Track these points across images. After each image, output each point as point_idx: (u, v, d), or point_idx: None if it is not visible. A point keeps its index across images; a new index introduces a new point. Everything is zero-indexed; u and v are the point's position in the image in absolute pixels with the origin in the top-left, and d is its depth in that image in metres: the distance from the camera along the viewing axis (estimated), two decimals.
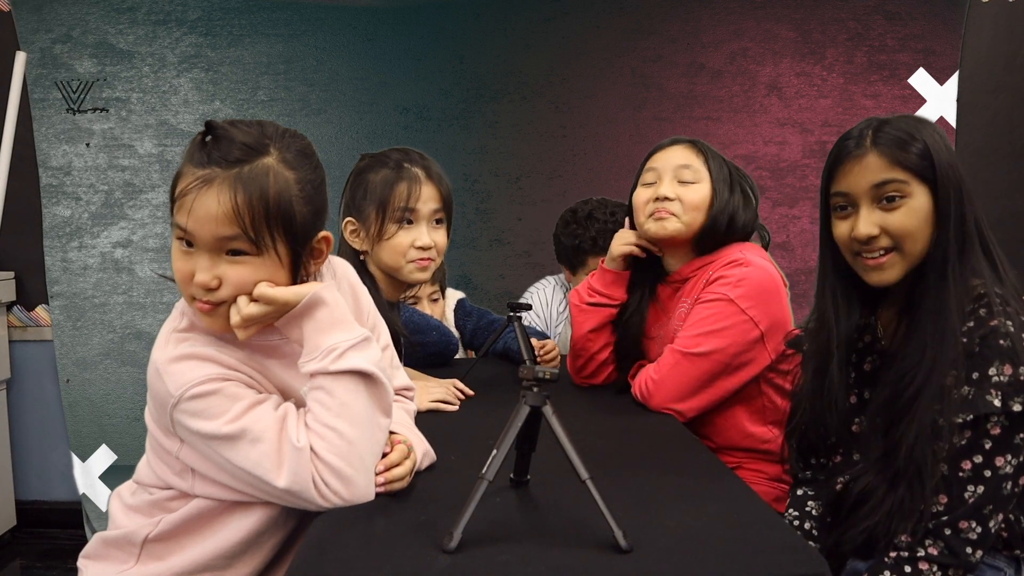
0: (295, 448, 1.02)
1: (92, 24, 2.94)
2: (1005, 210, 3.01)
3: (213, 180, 1.00)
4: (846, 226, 1.23)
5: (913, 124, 1.21)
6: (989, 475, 1.11)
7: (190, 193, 1.00)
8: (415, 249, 1.57)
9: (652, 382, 1.59)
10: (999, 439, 1.11)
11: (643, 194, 1.67)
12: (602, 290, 1.74)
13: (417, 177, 1.57)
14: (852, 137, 1.23)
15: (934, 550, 1.13)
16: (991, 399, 1.10)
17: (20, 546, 2.94)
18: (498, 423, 0.98)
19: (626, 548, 0.90)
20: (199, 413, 1.02)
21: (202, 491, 1.10)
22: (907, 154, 1.18)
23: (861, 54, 2.99)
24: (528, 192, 2.96)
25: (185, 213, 1.00)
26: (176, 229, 1.03)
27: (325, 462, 1.02)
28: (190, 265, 1.03)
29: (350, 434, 1.04)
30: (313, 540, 0.97)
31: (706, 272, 1.63)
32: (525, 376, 0.96)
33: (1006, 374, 1.10)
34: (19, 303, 3.00)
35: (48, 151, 2.95)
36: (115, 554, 1.16)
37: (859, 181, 1.20)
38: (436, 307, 2.29)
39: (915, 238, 1.18)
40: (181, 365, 1.04)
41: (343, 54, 2.98)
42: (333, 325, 1.06)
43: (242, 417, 1.03)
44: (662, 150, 1.69)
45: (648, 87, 3.01)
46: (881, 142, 1.19)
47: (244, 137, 1.02)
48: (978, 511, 1.12)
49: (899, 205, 1.18)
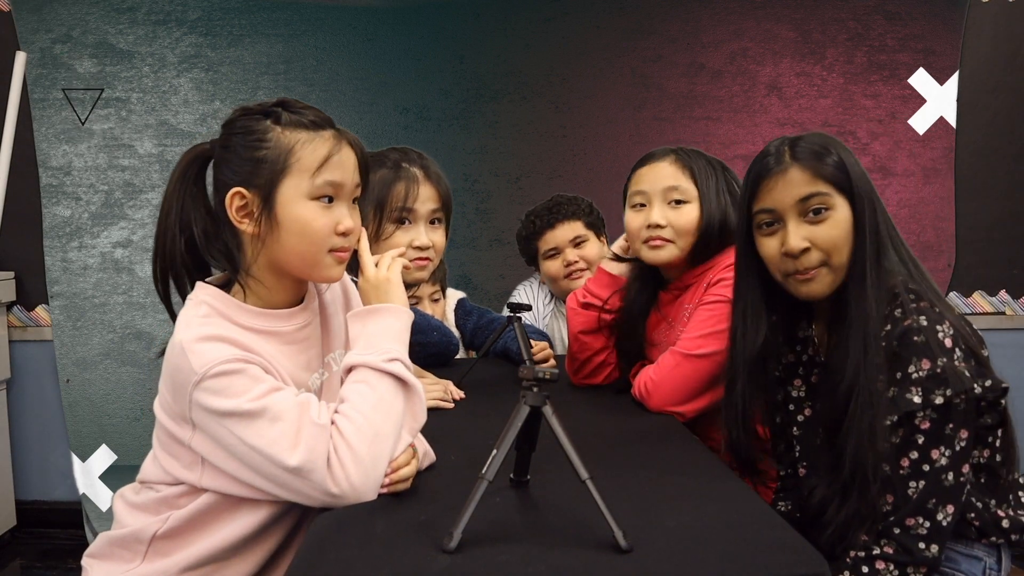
0: (315, 424, 1.03)
1: (92, 24, 2.94)
2: (1005, 210, 3.01)
3: (343, 138, 1.14)
4: (774, 242, 1.26)
5: (825, 139, 1.25)
6: (927, 469, 1.14)
7: (335, 153, 1.12)
8: (413, 249, 1.56)
9: (652, 383, 1.59)
10: (930, 433, 1.13)
11: (635, 219, 1.67)
12: (594, 290, 1.75)
13: (415, 177, 1.57)
14: (770, 154, 1.26)
15: (889, 549, 1.15)
16: (911, 396, 1.13)
17: (20, 546, 2.93)
18: (498, 423, 0.99)
19: (626, 548, 0.90)
20: (221, 391, 1.03)
21: (210, 483, 1.11)
22: (825, 166, 1.22)
23: (861, 54, 2.99)
24: (528, 192, 2.95)
25: (337, 168, 1.11)
26: (324, 187, 1.11)
27: (348, 442, 1.03)
28: (334, 217, 1.12)
29: (379, 426, 1.05)
30: (313, 540, 0.97)
31: (707, 277, 1.63)
32: (525, 376, 0.96)
33: (924, 369, 1.13)
34: (19, 303, 3.00)
35: (48, 151, 2.95)
36: (121, 553, 1.16)
37: (784, 196, 1.23)
38: (437, 307, 2.29)
39: (841, 250, 1.22)
40: (207, 345, 1.04)
41: (343, 54, 2.98)
42: (398, 337, 1.13)
43: (264, 397, 1.03)
44: (647, 166, 1.68)
45: (648, 87, 3.01)
46: (800, 156, 1.23)
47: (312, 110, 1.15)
48: (922, 506, 1.14)
49: (825, 218, 1.22)
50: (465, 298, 2.36)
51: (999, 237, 3.00)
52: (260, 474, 1.04)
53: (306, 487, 1.02)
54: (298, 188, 1.10)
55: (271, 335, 1.14)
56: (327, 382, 1.23)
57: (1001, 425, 1.21)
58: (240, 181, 1.10)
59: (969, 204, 3.00)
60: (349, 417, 1.05)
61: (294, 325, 1.17)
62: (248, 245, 1.13)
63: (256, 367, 1.06)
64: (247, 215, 1.10)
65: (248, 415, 1.02)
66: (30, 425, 3.00)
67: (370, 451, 1.04)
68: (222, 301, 1.13)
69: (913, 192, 2.99)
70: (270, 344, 1.13)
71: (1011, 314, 3.03)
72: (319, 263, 1.13)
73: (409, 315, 1.16)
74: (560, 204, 2.27)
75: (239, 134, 1.11)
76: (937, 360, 1.12)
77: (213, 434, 1.05)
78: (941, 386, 1.11)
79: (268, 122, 1.11)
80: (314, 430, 1.02)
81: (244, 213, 1.11)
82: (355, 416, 1.05)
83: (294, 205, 1.10)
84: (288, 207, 1.09)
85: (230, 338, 1.07)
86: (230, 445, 1.04)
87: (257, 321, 1.13)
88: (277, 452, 1.01)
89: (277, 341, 1.15)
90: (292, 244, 1.10)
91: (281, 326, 1.15)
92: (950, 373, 1.11)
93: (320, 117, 1.14)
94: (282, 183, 1.09)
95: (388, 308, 1.14)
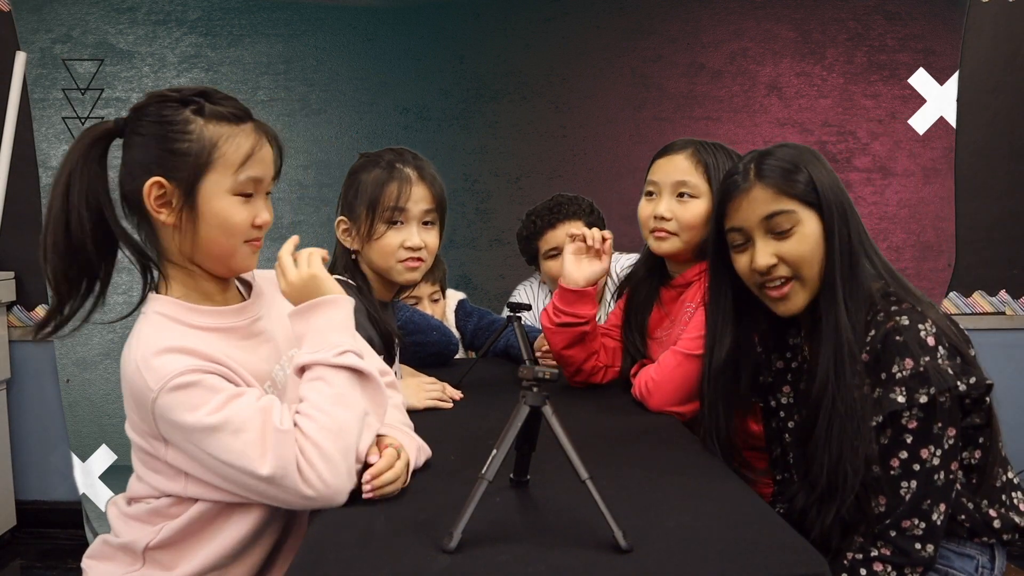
0: (279, 431, 1.02)
1: (92, 24, 2.94)
2: (1005, 210, 3.01)
3: (263, 132, 1.14)
4: (745, 259, 1.27)
5: (793, 153, 1.25)
6: (918, 469, 1.14)
7: (257, 149, 1.12)
8: (404, 249, 1.56)
9: (652, 383, 1.59)
10: (917, 432, 1.14)
11: (646, 208, 1.69)
12: (566, 309, 1.70)
13: (408, 177, 1.56)
14: (738, 172, 1.27)
15: (886, 551, 1.15)
16: (895, 396, 1.13)
17: (20, 546, 2.93)
18: (498, 423, 0.99)
19: (626, 548, 0.90)
20: (180, 405, 1.02)
21: (195, 492, 1.10)
22: (790, 183, 1.22)
23: (861, 54, 2.99)
24: (528, 192, 2.95)
25: (258, 164, 1.12)
26: (246, 184, 1.11)
27: (312, 440, 1.02)
28: (252, 211, 1.13)
29: (342, 419, 1.04)
30: (313, 540, 0.97)
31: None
32: (525, 376, 0.96)
33: (907, 368, 1.13)
34: (19, 303, 3.00)
35: (48, 151, 2.95)
36: (120, 556, 1.16)
37: (749, 215, 1.25)
38: (437, 307, 2.29)
39: (810, 263, 1.23)
40: (160, 359, 1.03)
41: (343, 54, 2.98)
42: (344, 327, 1.11)
43: (224, 408, 1.02)
44: (664, 158, 1.69)
45: (648, 87, 3.01)
46: (764, 175, 1.24)
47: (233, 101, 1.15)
48: (917, 507, 1.14)
49: (791, 233, 1.23)
50: (465, 299, 2.36)
51: (999, 237, 3.00)
52: (235, 484, 1.05)
53: (281, 493, 1.02)
54: (220, 184, 1.09)
55: (227, 332, 1.14)
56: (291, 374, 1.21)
57: (988, 424, 1.22)
58: (159, 171, 1.07)
59: (969, 204, 3.00)
60: (311, 417, 1.04)
61: (247, 319, 1.17)
62: (165, 235, 1.12)
63: (213, 376, 1.05)
64: (165, 204, 1.09)
65: (211, 429, 1.01)
66: (30, 425, 3.00)
67: (336, 447, 1.03)
68: (173, 307, 1.12)
69: (913, 192, 2.99)
70: (227, 341, 1.13)
71: (1011, 314, 3.03)
72: (235, 254, 1.13)
73: (349, 301, 1.14)
74: (561, 204, 2.27)
75: (156, 122, 1.08)
76: (920, 359, 1.12)
77: (183, 448, 1.06)
78: (924, 385, 1.12)
79: (188, 112, 1.08)
80: (279, 436, 1.02)
81: (162, 203, 1.09)
82: (317, 415, 1.04)
83: (216, 200, 1.09)
84: (210, 202, 1.09)
85: (184, 347, 1.05)
86: (201, 459, 1.04)
87: (211, 320, 1.13)
88: (247, 464, 1.01)
89: (234, 337, 1.15)
90: (211, 237, 1.10)
91: (235, 322, 1.16)
92: (932, 372, 1.12)
93: (240, 109, 1.13)
94: (205, 178, 1.08)
95: (327, 300, 1.12)
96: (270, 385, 1.16)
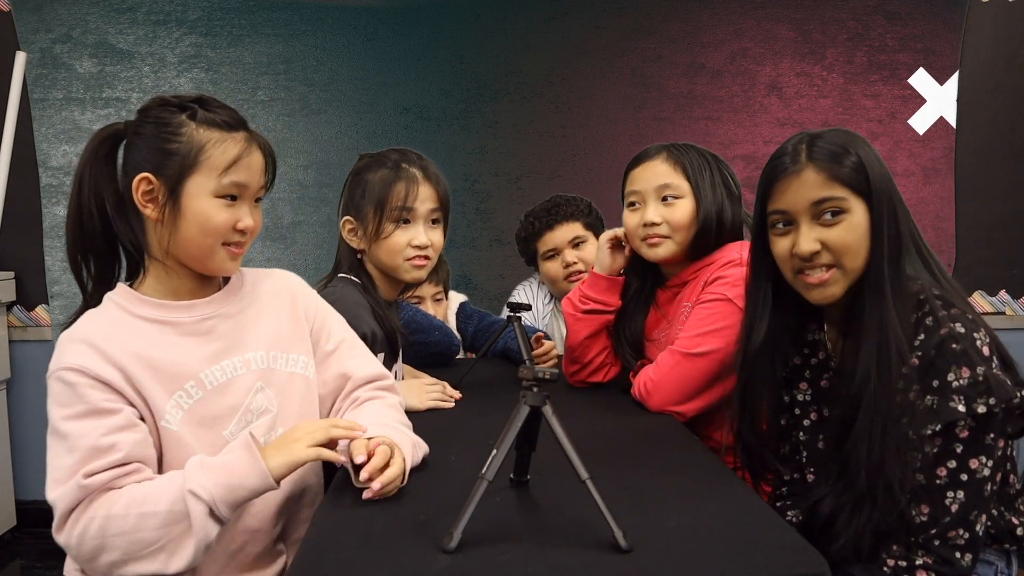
0: (86, 478, 1.04)
1: (92, 24, 2.94)
2: (1005, 210, 3.01)
3: (253, 141, 1.17)
4: (786, 243, 1.22)
5: (845, 138, 1.20)
6: (966, 479, 1.12)
7: (244, 155, 1.15)
8: (412, 248, 1.58)
9: (651, 383, 1.59)
10: (969, 441, 1.11)
11: (632, 219, 1.68)
12: (596, 297, 1.74)
13: (415, 177, 1.58)
14: (787, 153, 1.22)
15: (928, 559, 1.13)
16: (955, 405, 1.10)
17: (20, 546, 2.93)
18: (498, 423, 0.98)
19: (626, 548, 0.90)
20: (55, 394, 1.08)
21: None
22: (842, 168, 1.18)
23: (861, 54, 2.99)
24: (528, 192, 2.96)
25: (244, 170, 1.15)
26: (230, 187, 1.14)
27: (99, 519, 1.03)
28: (234, 215, 1.16)
29: (133, 526, 1.03)
30: (313, 540, 0.97)
31: (705, 274, 1.63)
32: (525, 376, 0.96)
33: (964, 377, 1.10)
34: (19, 303, 3.00)
35: (48, 151, 2.95)
36: None
37: (797, 199, 1.20)
38: (439, 307, 2.29)
39: (855, 253, 1.18)
40: (68, 346, 1.10)
41: (343, 54, 2.98)
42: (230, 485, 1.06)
43: (75, 420, 1.06)
44: (640, 167, 1.69)
45: (648, 87, 3.01)
46: (816, 157, 1.19)
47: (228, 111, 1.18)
48: (964, 518, 1.12)
49: (839, 221, 1.18)
50: (467, 302, 2.37)
51: (999, 237, 3.00)
52: None
53: (54, 521, 1.06)
54: (204, 185, 1.13)
55: (166, 325, 1.16)
56: (239, 378, 1.20)
57: (1019, 435, 1.20)
58: (149, 168, 1.13)
59: (969, 204, 3.00)
60: (120, 509, 1.03)
61: (194, 316, 1.18)
62: (150, 229, 1.16)
63: (96, 386, 1.07)
64: (152, 200, 1.14)
65: (55, 433, 1.07)
66: (30, 425, 3.00)
67: (110, 540, 1.03)
68: (123, 295, 1.17)
69: (913, 192, 2.99)
70: (161, 335, 1.15)
71: (1011, 314, 3.03)
72: (213, 255, 1.16)
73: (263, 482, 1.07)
74: (559, 205, 2.27)
75: (153, 123, 1.14)
76: (976, 369, 1.09)
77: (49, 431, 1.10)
78: (984, 395, 1.09)
79: (183, 116, 1.14)
80: (81, 481, 1.04)
81: (149, 198, 1.14)
82: (124, 510, 1.03)
83: (199, 200, 1.13)
84: (193, 200, 1.13)
85: (93, 340, 1.09)
86: (48, 449, 1.09)
87: (153, 311, 1.16)
88: (50, 480, 1.06)
89: (173, 332, 1.16)
90: (190, 235, 1.14)
91: (178, 316, 1.17)
92: (993, 382, 1.09)
93: (234, 118, 1.17)
94: (190, 178, 1.13)
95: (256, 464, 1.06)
96: (193, 384, 1.16)
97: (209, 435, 1.16)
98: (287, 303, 1.30)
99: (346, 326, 1.37)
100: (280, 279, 1.32)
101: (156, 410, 1.12)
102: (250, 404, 1.20)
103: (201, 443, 1.14)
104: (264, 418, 1.21)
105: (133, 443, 1.08)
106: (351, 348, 1.34)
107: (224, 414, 1.17)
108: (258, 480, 1.05)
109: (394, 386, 1.36)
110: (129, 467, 1.07)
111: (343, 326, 1.36)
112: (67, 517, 1.05)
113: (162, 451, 1.13)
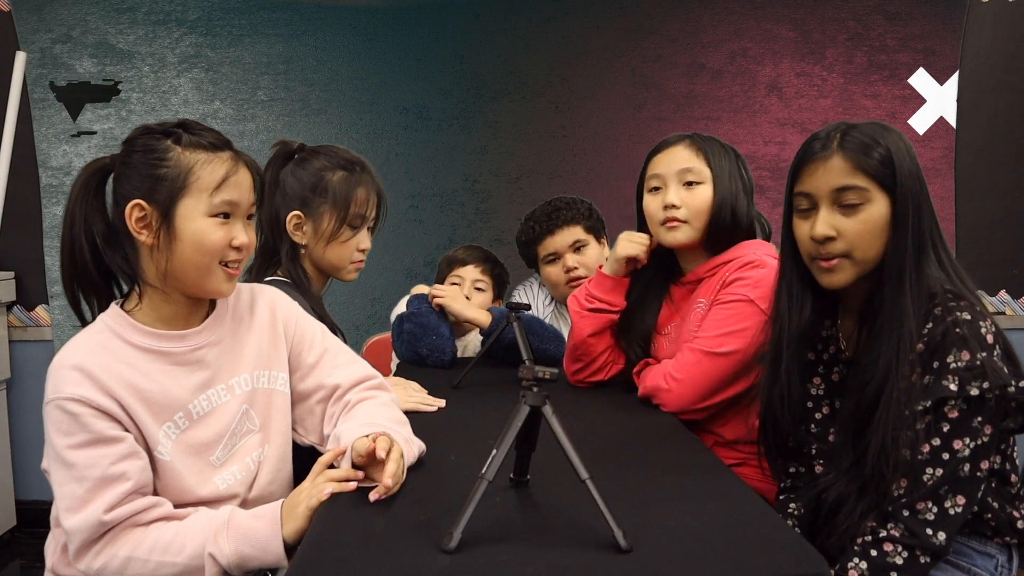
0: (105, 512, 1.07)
1: (92, 24, 2.94)
2: (1005, 210, 3.01)
3: (239, 160, 1.18)
4: (806, 225, 1.25)
5: (879, 131, 1.23)
6: (947, 457, 1.13)
7: (232, 174, 1.16)
8: (358, 252, 1.65)
9: (671, 378, 1.58)
10: (957, 422, 1.13)
11: (652, 202, 1.69)
12: (601, 296, 1.74)
13: (371, 183, 1.64)
14: (819, 138, 1.25)
15: (895, 531, 1.15)
16: (947, 383, 1.12)
17: (20, 546, 2.93)
18: (498, 423, 0.99)
19: (626, 548, 0.90)
20: (56, 423, 1.09)
21: None
22: (870, 160, 1.20)
23: (861, 54, 2.99)
24: (528, 192, 2.96)
25: (233, 188, 1.16)
26: (221, 206, 1.16)
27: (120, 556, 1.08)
28: (229, 232, 1.17)
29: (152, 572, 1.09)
30: (313, 540, 0.97)
31: (721, 272, 1.64)
32: (525, 376, 0.96)
33: (963, 360, 1.12)
34: (19, 303, 3.00)
35: (48, 151, 2.95)
36: None
37: (821, 183, 1.23)
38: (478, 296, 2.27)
39: (868, 245, 1.21)
40: (66, 373, 1.10)
41: (343, 54, 2.98)
42: (256, 545, 1.11)
43: (80, 449, 1.08)
44: (663, 152, 1.70)
45: (648, 87, 3.01)
46: (847, 146, 1.22)
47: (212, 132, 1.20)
48: (934, 492, 1.14)
49: (858, 211, 1.20)
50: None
51: (999, 237, 3.00)
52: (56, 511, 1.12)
53: (70, 547, 1.09)
54: (196, 206, 1.15)
55: (158, 355, 1.17)
56: (224, 405, 1.22)
57: (1020, 431, 1.20)
58: (140, 195, 1.14)
59: (969, 204, 3.00)
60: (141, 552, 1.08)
61: (186, 346, 1.19)
62: (145, 255, 1.17)
63: (96, 415, 1.09)
64: (146, 226, 1.15)
65: (60, 461, 1.08)
66: (30, 425, 3.00)
67: None
68: (116, 319, 1.17)
69: None
70: (153, 364, 1.16)
71: (1011, 314, 3.03)
72: (211, 275, 1.17)
73: (277, 561, 1.12)
74: (559, 209, 2.25)
75: (140, 151, 1.16)
76: (976, 353, 1.12)
77: (48, 456, 1.11)
78: (979, 378, 1.11)
79: (168, 142, 1.15)
80: (103, 517, 1.07)
81: (143, 224, 1.15)
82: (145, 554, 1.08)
83: (192, 221, 1.15)
84: (186, 222, 1.15)
85: (91, 370, 1.10)
86: (51, 474, 1.11)
87: (146, 340, 1.17)
88: (61, 508, 1.09)
89: (164, 361, 1.17)
90: (187, 255, 1.15)
91: (170, 346, 1.18)
92: (989, 367, 1.11)
93: (219, 139, 1.18)
94: (181, 200, 1.14)
95: (276, 540, 1.11)
96: (182, 415, 1.17)
97: (197, 462, 1.18)
98: (267, 321, 1.31)
99: (327, 333, 1.37)
100: (261, 296, 1.33)
101: (150, 440, 1.14)
102: (236, 428, 1.23)
103: (190, 470, 1.17)
104: (250, 437, 1.24)
105: (139, 470, 1.11)
106: (334, 356, 1.35)
107: (211, 441, 1.20)
108: (274, 558, 1.10)
109: (384, 384, 1.36)
110: (148, 499, 1.11)
111: (323, 334, 1.36)
112: (88, 548, 1.08)
113: (155, 479, 1.15)
